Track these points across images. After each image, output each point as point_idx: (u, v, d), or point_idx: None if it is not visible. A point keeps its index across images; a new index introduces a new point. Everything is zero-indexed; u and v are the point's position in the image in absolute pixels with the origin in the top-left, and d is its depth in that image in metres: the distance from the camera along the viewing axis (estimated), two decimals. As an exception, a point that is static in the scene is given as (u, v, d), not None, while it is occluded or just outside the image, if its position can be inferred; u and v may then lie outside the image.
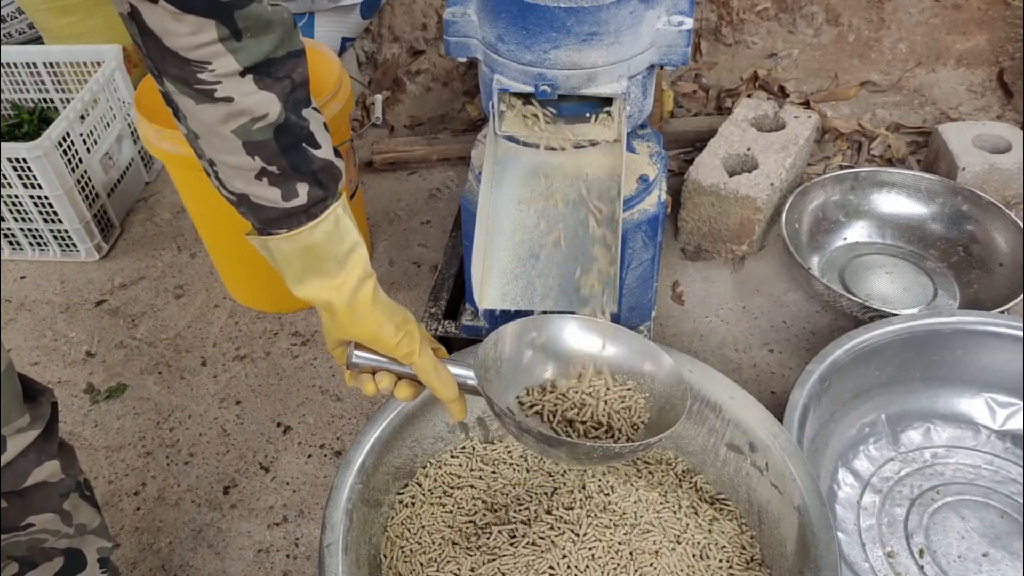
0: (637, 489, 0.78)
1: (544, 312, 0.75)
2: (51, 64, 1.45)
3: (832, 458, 0.96)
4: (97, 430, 1.12)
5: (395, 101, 1.70)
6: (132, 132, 1.49)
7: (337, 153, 0.61)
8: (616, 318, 0.84)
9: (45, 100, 1.51)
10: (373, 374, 0.66)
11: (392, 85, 1.71)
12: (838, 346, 0.94)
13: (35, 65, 1.45)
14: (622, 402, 0.70)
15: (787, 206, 1.22)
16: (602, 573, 0.71)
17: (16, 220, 1.35)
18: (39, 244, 1.39)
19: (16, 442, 0.64)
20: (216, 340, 1.24)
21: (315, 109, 0.58)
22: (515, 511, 0.77)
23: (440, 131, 1.64)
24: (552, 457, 0.69)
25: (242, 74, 0.52)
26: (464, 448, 0.85)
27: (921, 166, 1.43)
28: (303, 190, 0.57)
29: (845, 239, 1.30)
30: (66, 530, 0.71)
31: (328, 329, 0.66)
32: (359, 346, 0.65)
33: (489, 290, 0.84)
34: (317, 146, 0.58)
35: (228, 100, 0.52)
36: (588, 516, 0.74)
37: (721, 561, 0.74)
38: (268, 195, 0.57)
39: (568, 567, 0.71)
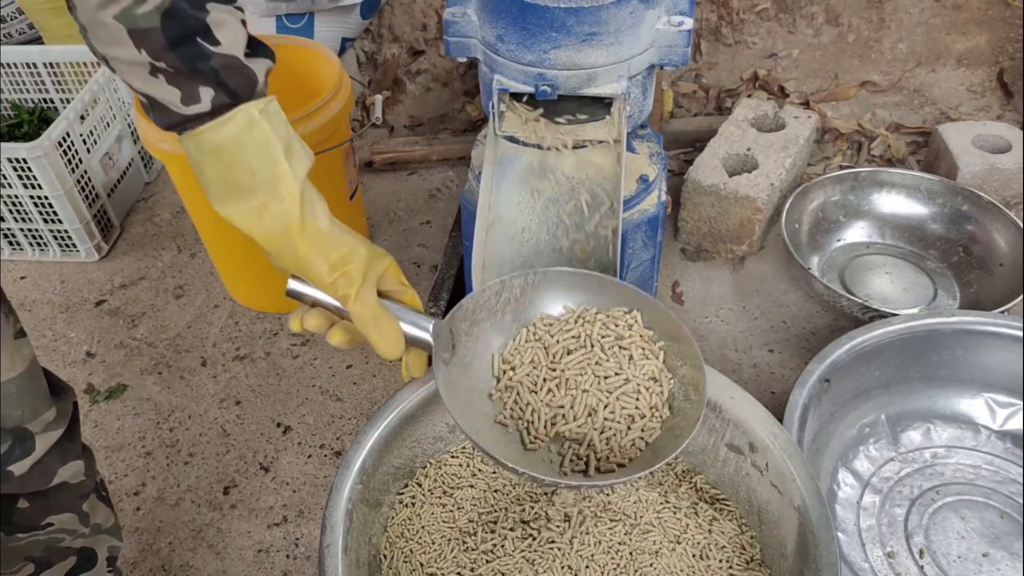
0: (637, 489, 0.78)
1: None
2: (51, 64, 1.45)
3: (832, 458, 0.96)
4: (97, 430, 1.12)
5: (395, 101, 1.70)
6: (132, 132, 1.49)
7: (262, 52, 0.54)
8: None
9: (45, 100, 1.51)
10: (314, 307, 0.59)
11: (392, 85, 1.71)
12: (838, 346, 0.94)
13: (35, 65, 1.45)
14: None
15: (787, 206, 1.22)
16: (602, 573, 0.71)
17: (16, 220, 1.35)
18: (39, 244, 1.39)
19: (44, 441, 0.64)
20: (216, 340, 1.24)
21: (236, 7, 0.52)
22: (515, 511, 0.77)
23: (440, 131, 1.64)
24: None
25: None
26: (464, 448, 0.85)
27: (921, 166, 1.43)
28: (206, 95, 0.51)
29: (845, 239, 1.30)
30: (83, 530, 0.71)
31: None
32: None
33: (489, 290, 0.84)
34: (216, 42, 0.50)
35: None
36: (588, 516, 0.74)
37: (721, 561, 0.74)
38: (168, 96, 0.51)
39: (568, 567, 0.71)
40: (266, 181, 0.53)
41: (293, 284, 0.58)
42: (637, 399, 0.65)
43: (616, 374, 0.65)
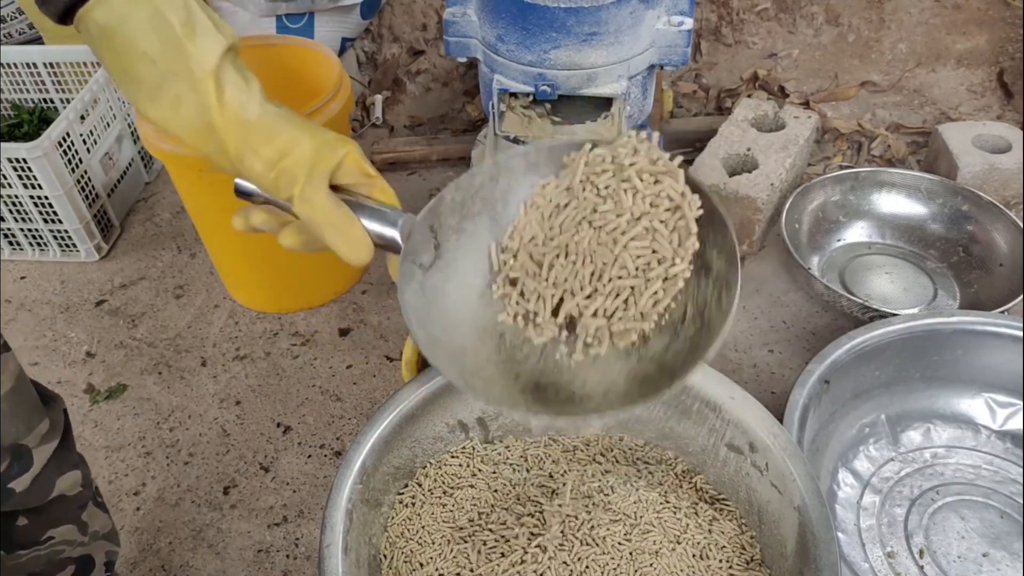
0: (637, 489, 0.78)
1: None
2: (51, 64, 1.46)
3: (832, 458, 0.96)
4: (97, 430, 1.12)
5: (395, 101, 1.70)
6: (132, 132, 1.49)
7: None
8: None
9: (45, 100, 1.51)
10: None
11: (392, 85, 1.71)
12: (838, 346, 0.94)
13: (35, 65, 1.45)
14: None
15: (787, 206, 1.22)
16: (602, 573, 0.71)
17: (16, 220, 1.35)
18: (39, 244, 1.39)
19: (41, 454, 0.62)
20: (216, 340, 1.24)
21: None
22: (515, 511, 0.77)
23: (440, 131, 1.64)
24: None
25: None
26: (464, 448, 0.85)
27: (921, 166, 1.43)
28: None
29: (845, 239, 1.30)
30: (81, 539, 0.70)
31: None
32: None
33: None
34: None
35: None
36: (588, 516, 0.74)
37: (721, 561, 0.74)
38: None
39: (568, 567, 0.71)
40: (171, 67, 0.45)
41: (240, 180, 0.50)
42: (653, 238, 0.52)
43: (618, 216, 0.52)
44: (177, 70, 0.45)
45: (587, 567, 0.71)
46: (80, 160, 1.33)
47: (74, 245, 1.37)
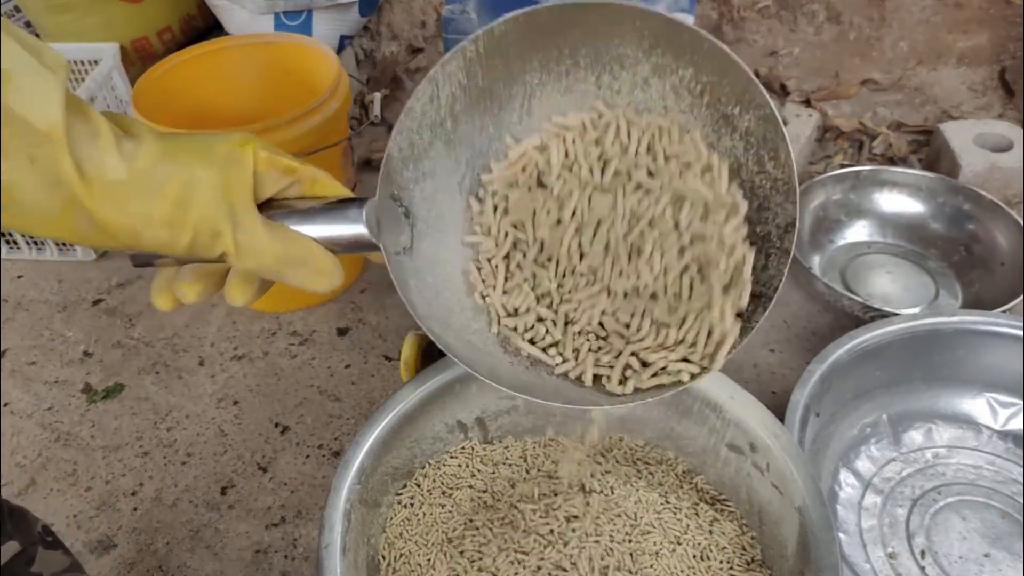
0: (637, 490, 0.77)
1: None
2: (48, 62, 1.45)
3: (833, 458, 0.96)
4: (94, 430, 1.12)
5: (393, 99, 1.70)
6: (130, 130, 1.49)
7: None
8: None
9: (42, 98, 1.50)
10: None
11: (391, 83, 1.71)
12: (839, 346, 0.94)
13: (32, 63, 1.45)
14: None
15: (788, 205, 1.22)
16: (602, 573, 0.71)
17: (13, 219, 1.34)
18: (36, 243, 1.38)
19: None
20: (214, 340, 1.23)
21: None
22: (515, 511, 0.76)
23: (439, 130, 1.63)
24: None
25: None
26: (463, 448, 0.84)
27: (922, 165, 1.42)
28: None
29: (846, 238, 1.30)
30: None
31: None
32: None
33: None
34: None
35: None
36: (587, 516, 0.74)
37: (722, 562, 0.73)
38: None
39: (567, 567, 0.71)
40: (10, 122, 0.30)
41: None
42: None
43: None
44: (15, 126, 0.30)
45: (587, 567, 0.71)
46: (77, 158, 1.33)
47: (71, 244, 1.37)
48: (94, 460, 1.08)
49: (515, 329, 0.46)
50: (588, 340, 0.45)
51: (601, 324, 0.44)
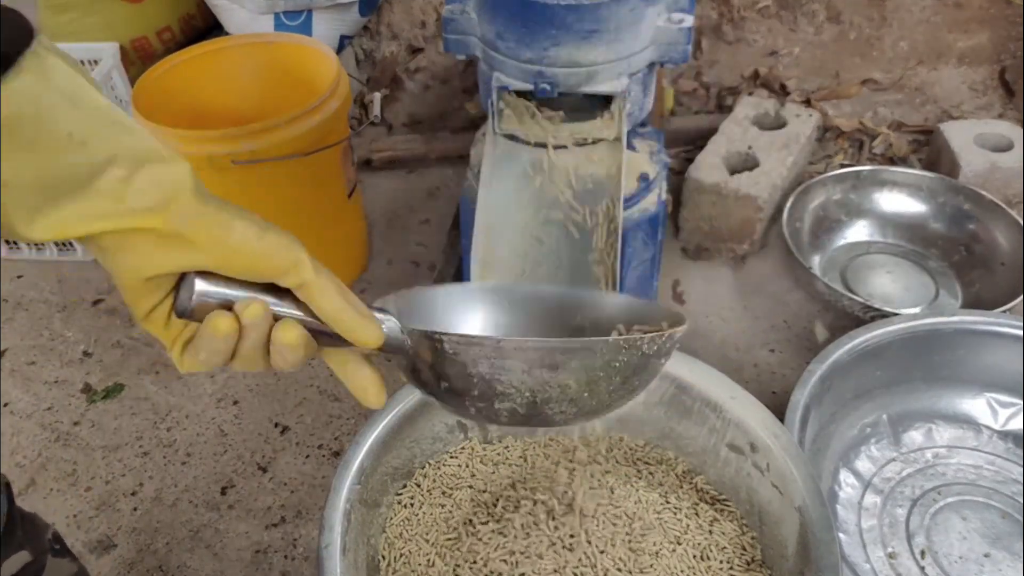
0: (637, 490, 0.77)
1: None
2: (48, 62, 1.45)
3: (833, 458, 0.96)
4: (94, 430, 1.12)
5: (393, 99, 1.70)
6: (130, 130, 1.49)
7: None
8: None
9: (42, 98, 1.50)
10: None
11: (390, 83, 1.70)
12: (839, 346, 0.94)
13: (32, 63, 1.44)
14: None
15: (788, 205, 1.22)
16: (604, 573, 0.71)
17: (13, 219, 1.34)
18: (36, 243, 1.38)
19: None
20: (214, 339, 1.23)
21: None
22: (515, 511, 0.76)
23: (439, 129, 1.63)
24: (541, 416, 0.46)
25: None
26: (463, 448, 0.84)
27: (923, 165, 1.42)
28: None
29: (846, 238, 1.30)
30: None
31: (126, 267, 0.36)
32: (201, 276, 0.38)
33: (488, 289, 0.84)
34: None
35: None
36: (587, 516, 0.74)
37: (722, 562, 0.73)
38: None
39: (567, 567, 0.71)
40: (105, 143, 0.34)
41: (203, 287, 0.37)
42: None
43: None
44: (114, 143, 0.34)
45: (587, 567, 0.71)
46: (77, 158, 1.33)
47: (71, 244, 1.36)
48: (94, 460, 1.08)
49: None
50: None
51: None
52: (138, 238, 0.35)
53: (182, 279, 0.39)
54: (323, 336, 0.44)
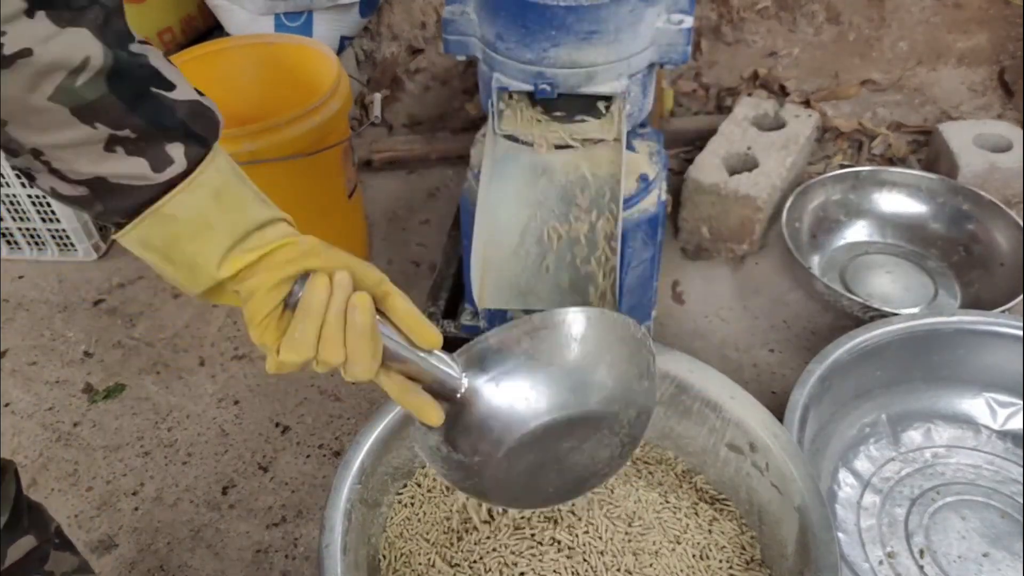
0: (637, 489, 0.78)
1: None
2: (49, 63, 1.45)
3: (833, 458, 0.96)
4: (95, 430, 1.12)
5: (394, 100, 1.70)
6: (130, 131, 1.49)
7: (198, 91, 0.47)
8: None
9: (43, 99, 1.51)
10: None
11: (391, 84, 1.71)
12: (839, 346, 0.94)
13: (33, 64, 1.45)
14: None
15: (788, 205, 1.22)
16: (602, 572, 0.71)
17: (14, 220, 1.34)
18: (37, 243, 1.38)
19: None
20: (214, 340, 1.23)
21: (143, 42, 0.43)
22: (514, 512, 0.76)
23: (439, 130, 1.63)
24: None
25: (29, 12, 0.37)
26: (463, 448, 0.84)
27: (922, 165, 1.42)
28: (177, 152, 0.43)
29: (846, 238, 1.30)
30: None
31: (267, 276, 0.48)
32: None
33: (489, 289, 0.84)
34: (171, 86, 0.43)
35: (26, 54, 0.38)
36: (587, 516, 0.74)
37: (721, 562, 0.73)
38: (132, 170, 0.42)
39: (567, 567, 0.71)
40: (261, 208, 0.49)
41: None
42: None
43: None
44: (274, 213, 0.49)
45: (587, 567, 0.71)
46: (78, 159, 1.33)
47: (72, 244, 1.37)
48: (95, 460, 1.08)
49: None
50: None
51: None
52: (280, 253, 0.48)
53: (289, 295, 0.49)
54: (389, 351, 0.52)
